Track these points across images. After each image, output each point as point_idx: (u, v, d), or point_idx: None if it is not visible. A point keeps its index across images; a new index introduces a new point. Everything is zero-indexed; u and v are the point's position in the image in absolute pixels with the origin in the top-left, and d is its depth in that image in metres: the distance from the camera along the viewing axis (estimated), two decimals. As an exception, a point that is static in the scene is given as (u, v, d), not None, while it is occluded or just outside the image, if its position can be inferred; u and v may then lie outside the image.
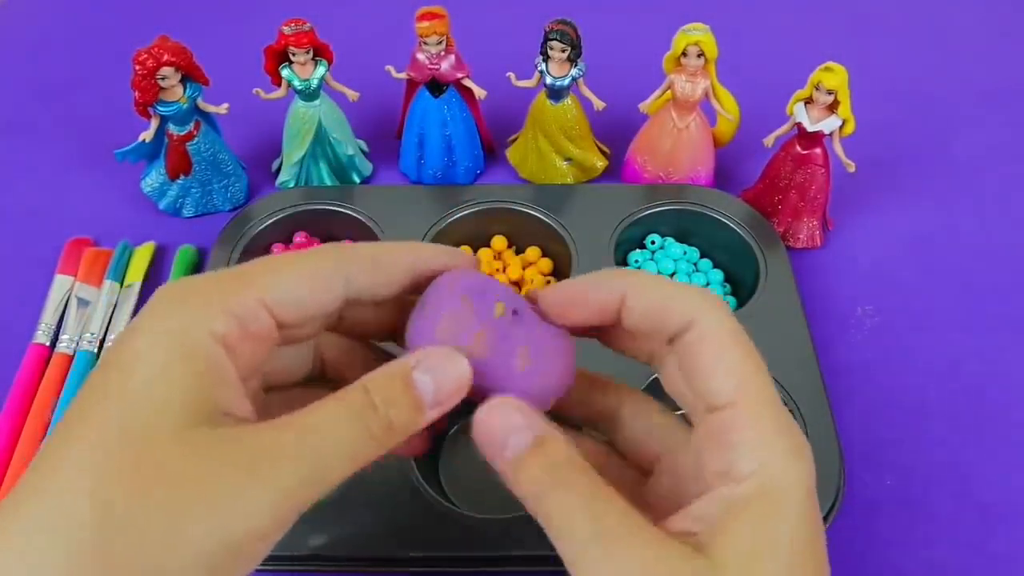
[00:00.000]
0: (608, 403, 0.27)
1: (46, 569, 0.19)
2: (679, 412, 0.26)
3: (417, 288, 0.27)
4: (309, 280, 0.24)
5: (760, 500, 0.21)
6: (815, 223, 0.57)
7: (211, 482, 0.20)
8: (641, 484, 0.27)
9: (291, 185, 0.60)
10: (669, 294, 0.24)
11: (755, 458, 0.21)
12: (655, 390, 0.48)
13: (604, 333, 0.27)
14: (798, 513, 0.21)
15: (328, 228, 0.57)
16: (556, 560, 0.42)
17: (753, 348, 0.23)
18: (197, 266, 0.56)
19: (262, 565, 0.41)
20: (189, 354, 0.21)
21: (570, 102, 0.58)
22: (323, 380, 0.29)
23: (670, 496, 0.24)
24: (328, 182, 0.60)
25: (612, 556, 0.20)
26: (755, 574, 0.20)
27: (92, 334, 0.51)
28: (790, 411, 0.44)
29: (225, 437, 0.21)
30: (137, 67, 0.52)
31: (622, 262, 0.56)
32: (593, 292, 0.25)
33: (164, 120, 0.55)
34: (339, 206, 0.56)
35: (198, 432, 0.20)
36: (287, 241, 0.56)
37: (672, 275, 0.55)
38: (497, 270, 0.55)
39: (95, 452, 0.20)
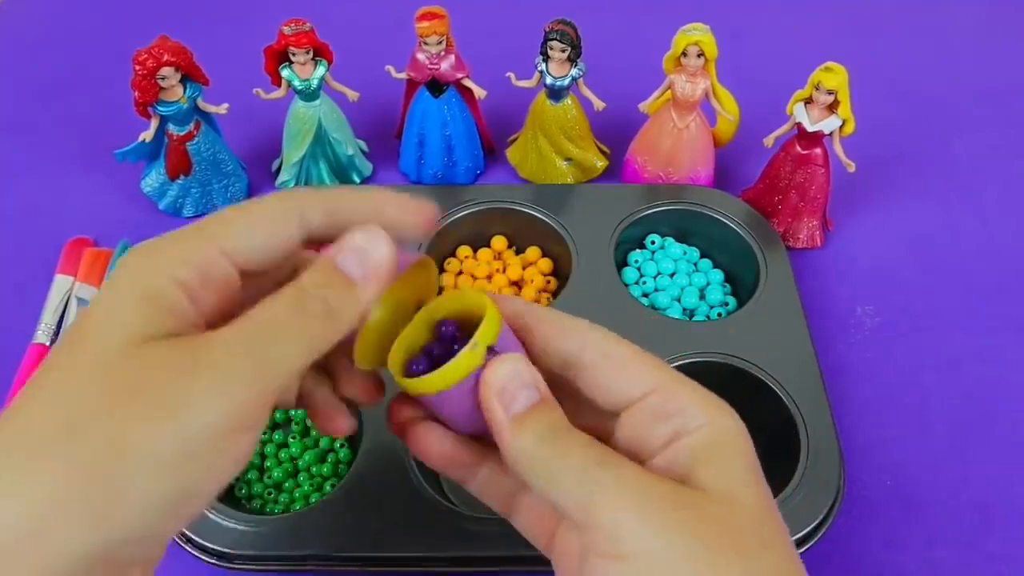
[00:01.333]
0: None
1: (20, 488, 0.20)
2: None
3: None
4: (264, 223, 0.25)
5: (719, 444, 0.25)
6: (815, 223, 0.57)
7: (160, 386, 0.21)
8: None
9: (291, 185, 0.60)
10: (566, 326, 0.27)
11: (700, 414, 0.25)
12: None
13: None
14: (748, 451, 0.25)
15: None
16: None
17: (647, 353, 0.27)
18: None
19: (262, 565, 0.41)
20: (147, 295, 0.23)
21: (570, 102, 0.58)
22: None
23: (630, 453, 0.26)
24: (328, 182, 0.60)
25: (597, 490, 0.23)
26: (737, 496, 0.24)
27: (92, 334, 0.51)
28: (790, 411, 0.45)
29: (175, 345, 0.22)
30: (137, 67, 0.52)
31: (622, 262, 0.56)
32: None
33: (164, 120, 0.55)
34: (339, 206, 0.56)
35: (148, 345, 0.22)
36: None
37: (672, 275, 0.55)
38: (497, 270, 0.55)
39: (59, 377, 0.22)
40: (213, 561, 0.41)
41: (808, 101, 0.53)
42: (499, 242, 0.57)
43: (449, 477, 0.29)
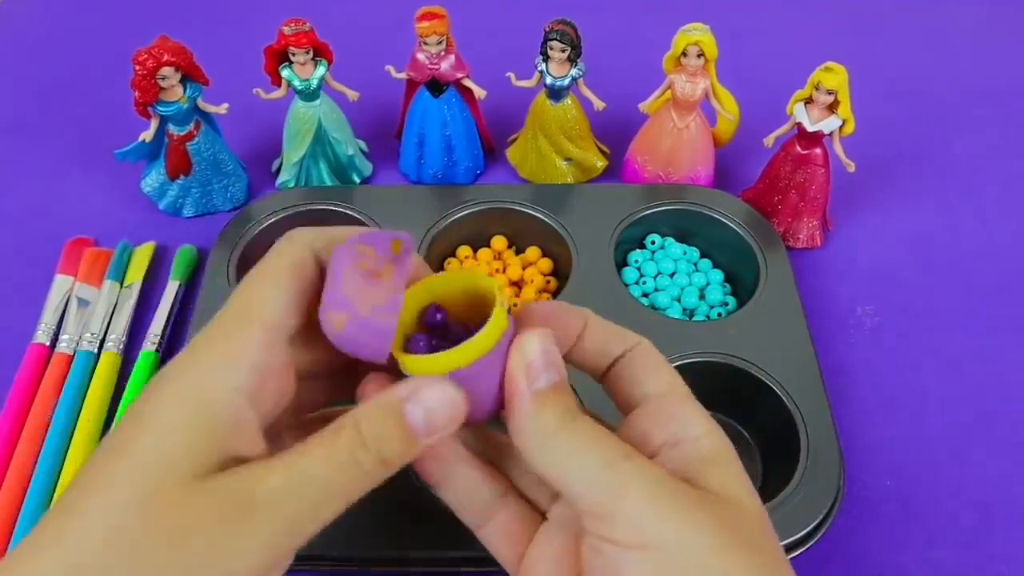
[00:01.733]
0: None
1: None
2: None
3: None
4: (285, 277, 0.26)
5: (721, 454, 0.26)
6: (815, 223, 0.57)
7: (209, 529, 0.22)
8: None
9: (291, 185, 0.60)
10: (617, 328, 0.29)
11: (699, 425, 0.26)
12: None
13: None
14: (741, 465, 0.27)
15: (328, 228, 0.57)
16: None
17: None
18: (197, 266, 0.57)
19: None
20: (204, 410, 0.23)
21: (570, 102, 0.58)
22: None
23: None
24: (328, 182, 0.60)
25: (623, 481, 0.24)
26: (744, 502, 0.25)
27: (92, 334, 0.51)
28: (790, 411, 0.45)
29: (226, 487, 0.22)
30: (137, 67, 0.52)
31: (622, 262, 0.56)
32: (566, 315, 0.29)
33: (164, 120, 0.55)
34: (339, 206, 0.56)
35: (202, 484, 0.22)
36: (287, 241, 0.56)
37: (672, 275, 0.55)
38: (497, 270, 0.55)
39: (108, 508, 0.22)
40: (213, 561, 0.41)
41: (808, 101, 0.53)
42: (499, 242, 0.57)
43: (424, 477, 0.28)
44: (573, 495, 0.24)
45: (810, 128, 0.53)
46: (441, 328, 0.27)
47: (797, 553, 0.41)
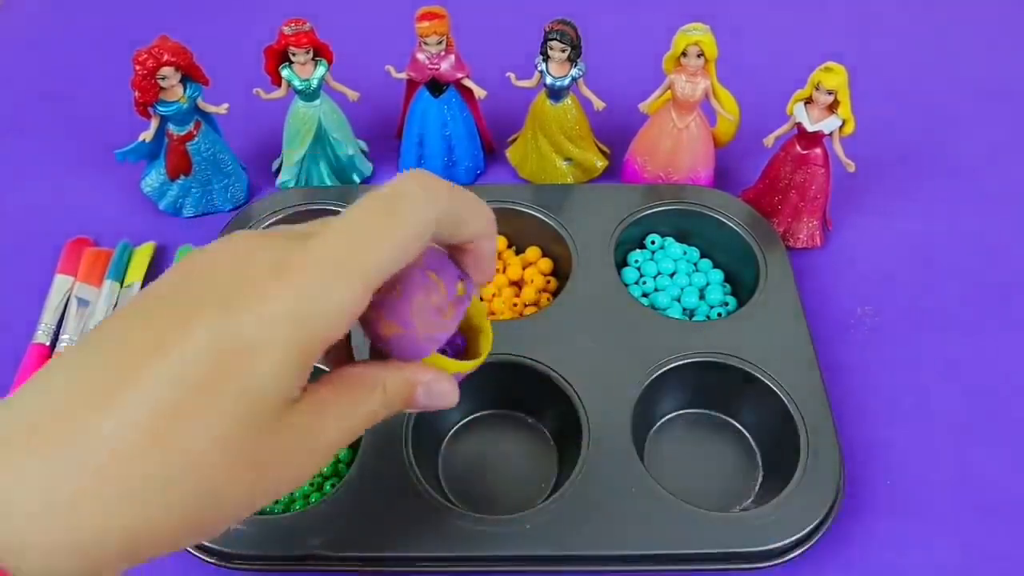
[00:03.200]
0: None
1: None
2: None
3: None
4: (410, 247, 0.27)
5: None
6: (815, 223, 0.57)
7: (282, 469, 0.25)
8: None
9: (291, 185, 0.60)
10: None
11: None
12: (657, 391, 0.48)
13: None
14: None
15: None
16: (555, 560, 0.42)
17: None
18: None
19: (262, 565, 0.41)
20: (305, 361, 0.25)
21: (570, 102, 0.58)
22: None
23: None
24: (328, 182, 0.60)
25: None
26: None
27: (92, 334, 0.51)
28: (790, 411, 0.45)
29: (298, 431, 0.25)
30: (137, 67, 0.52)
31: (622, 262, 0.56)
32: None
33: (164, 120, 0.55)
34: (339, 206, 0.56)
35: (279, 422, 0.25)
36: (287, 241, 0.56)
37: (672, 275, 0.55)
38: (497, 270, 0.55)
39: (212, 420, 0.23)
40: (213, 561, 0.41)
41: (808, 101, 0.53)
42: (499, 242, 0.57)
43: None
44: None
45: (810, 128, 0.53)
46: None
47: (797, 553, 0.41)
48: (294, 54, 0.55)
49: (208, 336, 0.23)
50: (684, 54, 0.54)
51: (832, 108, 0.52)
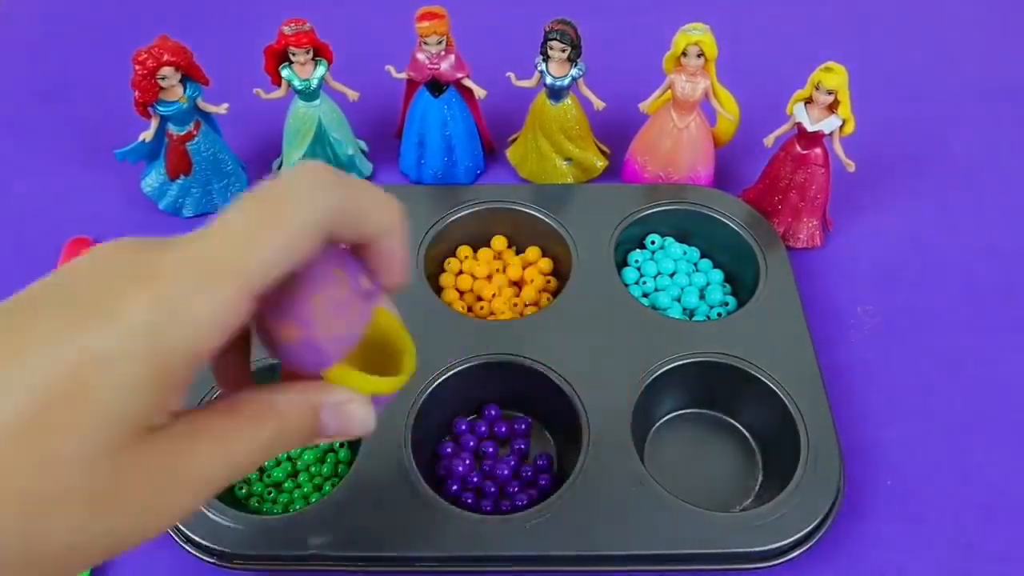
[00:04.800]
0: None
1: None
2: None
3: None
4: (295, 246, 0.23)
5: None
6: (815, 223, 0.57)
7: (140, 498, 0.22)
8: None
9: (291, 185, 0.60)
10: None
11: None
12: (657, 391, 0.48)
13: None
14: None
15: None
16: (555, 560, 0.42)
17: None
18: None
19: (262, 565, 0.41)
20: (162, 374, 0.21)
21: (570, 102, 0.58)
22: None
23: None
24: (328, 182, 0.60)
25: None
26: None
27: (92, 334, 0.51)
28: (790, 411, 0.45)
29: (160, 454, 0.22)
30: (137, 67, 0.52)
31: (622, 262, 0.56)
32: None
33: (164, 120, 0.55)
34: (339, 206, 0.56)
35: (140, 446, 0.22)
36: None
37: (672, 275, 0.55)
38: (497, 270, 0.55)
39: (58, 448, 0.20)
40: (213, 561, 0.41)
41: (808, 101, 0.53)
42: (499, 242, 0.57)
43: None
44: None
45: (810, 128, 0.53)
46: None
47: (797, 553, 0.41)
48: (294, 54, 0.55)
49: (57, 351, 0.20)
50: (684, 54, 0.54)
51: (832, 108, 0.52)
